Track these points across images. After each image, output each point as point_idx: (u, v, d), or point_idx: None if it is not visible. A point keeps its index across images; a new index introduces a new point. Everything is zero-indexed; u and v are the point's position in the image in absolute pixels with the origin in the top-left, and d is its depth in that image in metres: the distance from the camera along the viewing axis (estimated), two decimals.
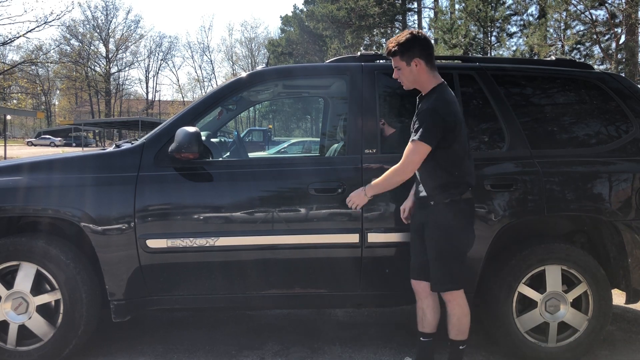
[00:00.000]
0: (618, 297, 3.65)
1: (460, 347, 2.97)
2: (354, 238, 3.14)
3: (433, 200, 2.86)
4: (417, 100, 2.99)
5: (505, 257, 3.25)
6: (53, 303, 3.16)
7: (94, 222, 3.06)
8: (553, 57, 3.78)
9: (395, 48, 2.85)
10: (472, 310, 3.29)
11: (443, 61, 4.36)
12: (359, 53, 3.61)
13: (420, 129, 2.77)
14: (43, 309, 3.15)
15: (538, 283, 3.26)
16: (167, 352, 3.47)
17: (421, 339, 3.06)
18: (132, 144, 3.38)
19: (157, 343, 3.62)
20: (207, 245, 3.09)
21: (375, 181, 2.94)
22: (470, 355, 3.45)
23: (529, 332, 3.27)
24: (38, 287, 3.15)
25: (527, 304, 3.27)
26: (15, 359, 3.10)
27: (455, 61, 3.97)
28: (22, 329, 3.13)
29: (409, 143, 2.83)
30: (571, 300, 3.26)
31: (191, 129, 3.03)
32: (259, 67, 3.73)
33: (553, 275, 3.24)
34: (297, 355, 3.44)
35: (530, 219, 3.29)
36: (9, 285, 3.13)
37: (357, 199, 2.98)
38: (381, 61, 3.62)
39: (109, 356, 3.39)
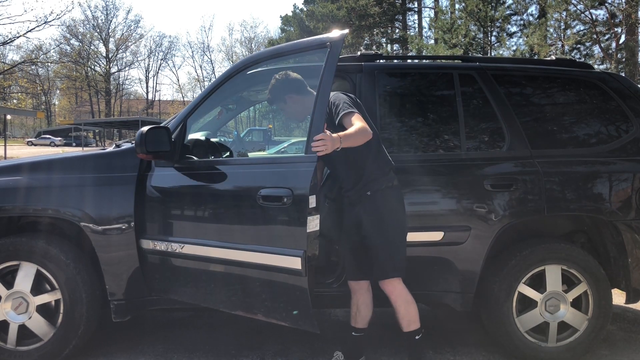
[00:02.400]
0: (618, 297, 3.65)
1: (417, 337, 2.94)
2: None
3: (369, 190, 2.87)
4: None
5: (506, 257, 3.26)
6: (53, 303, 3.16)
7: (94, 222, 3.06)
8: (553, 57, 3.79)
9: (267, 98, 3.03)
10: (472, 310, 3.31)
11: (443, 61, 4.37)
12: (359, 53, 3.61)
13: (341, 105, 2.80)
14: (43, 309, 3.15)
15: (538, 283, 3.27)
16: (167, 352, 3.47)
17: (353, 333, 3.11)
18: (132, 144, 3.37)
19: (157, 343, 3.62)
20: (177, 251, 3.02)
21: (345, 133, 2.63)
22: (470, 355, 3.46)
23: (529, 332, 3.27)
24: (38, 287, 3.16)
25: (527, 304, 3.27)
26: (15, 358, 3.11)
27: (456, 61, 3.96)
28: (22, 329, 3.13)
29: (346, 118, 2.74)
30: (571, 300, 3.26)
31: (144, 129, 2.94)
32: None
33: (553, 275, 3.24)
34: (297, 355, 3.44)
35: (530, 219, 3.29)
36: (9, 285, 3.13)
37: (331, 142, 2.55)
38: (381, 61, 3.62)
39: (109, 356, 3.39)
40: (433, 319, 4.14)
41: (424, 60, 4.06)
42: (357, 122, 2.72)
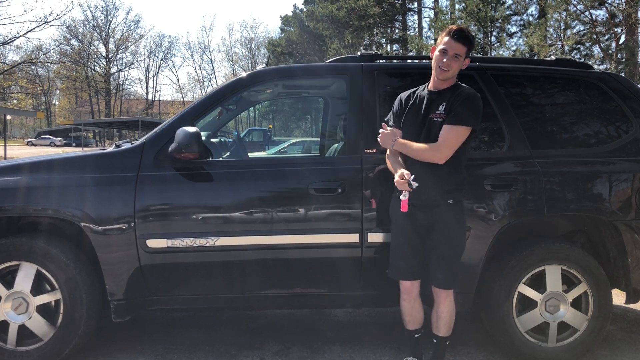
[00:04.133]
0: (618, 297, 3.66)
1: (447, 342, 3.08)
2: (353, 238, 3.14)
3: (452, 199, 2.86)
4: (426, 95, 2.93)
5: (505, 257, 3.26)
6: (53, 303, 3.16)
7: (94, 222, 3.06)
8: (553, 57, 3.78)
9: (472, 39, 2.86)
10: (472, 310, 3.32)
11: None
12: (358, 53, 3.61)
13: (461, 112, 2.77)
14: (43, 309, 3.15)
15: (538, 283, 3.27)
16: (167, 352, 3.47)
17: (415, 335, 3.11)
18: (132, 144, 3.38)
19: (157, 343, 3.62)
20: (207, 245, 3.09)
21: (409, 142, 2.84)
22: (470, 355, 3.46)
23: (529, 332, 3.28)
24: (38, 287, 3.15)
25: (527, 304, 3.28)
26: (15, 359, 3.10)
27: None
28: (22, 329, 3.13)
29: (449, 126, 2.78)
30: (571, 300, 3.26)
31: (191, 129, 3.04)
32: (259, 67, 3.73)
33: (553, 275, 3.24)
34: (297, 355, 3.44)
35: (531, 219, 3.28)
36: (9, 285, 3.13)
37: (387, 138, 2.90)
38: (381, 61, 3.62)
39: (109, 356, 3.39)
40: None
41: (424, 60, 4.06)
42: (445, 139, 2.77)
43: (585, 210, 3.27)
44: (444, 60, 2.79)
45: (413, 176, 2.70)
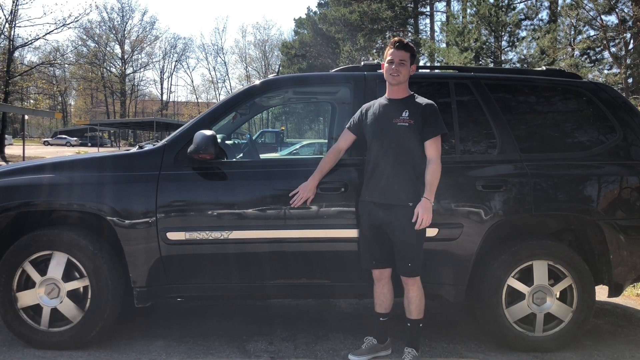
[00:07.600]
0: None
1: (420, 325, 3.33)
2: (355, 233, 3.41)
3: (412, 202, 3.15)
4: (387, 102, 3.32)
5: (496, 252, 3.51)
6: (82, 289, 3.47)
7: (119, 216, 3.37)
8: (543, 67, 4.04)
9: (412, 46, 3.30)
10: (464, 301, 3.57)
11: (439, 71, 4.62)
12: (362, 63, 3.89)
13: (437, 122, 3.21)
14: (73, 294, 3.46)
15: (526, 277, 3.52)
16: (184, 336, 3.77)
17: (381, 319, 3.46)
18: (154, 145, 3.69)
19: (174, 329, 3.92)
20: (221, 237, 3.39)
21: (429, 188, 3.13)
22: (463, 343, 3.72)
23: (517, 322, 3.53)
24: (68, 274, 3.46)
25: (515, 296, 3.52)
26: (48, 338, 3.43)
27: (452, 71, 4.23)
28: (54, 312, 3.45)
29: (433, 139, 3.18)
30: (557, 293, 3.51)
31: (208, 132, 3.34)
32: (271, 75, 4.03)
33: (540, 269, 3.50)
34: (303, 341, 3.73)
35: (519, 217, 3.54)
36: (42, 272, 3.45)
37: (428, 212, 3.09)
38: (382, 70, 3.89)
39: (131, 339, 3.69)
40: (427, 312, 4.39)
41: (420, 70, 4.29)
42: (437, 155, 3.19)
43: (570, 209, 3.53)
44: (393, 67, 3.21)
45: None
